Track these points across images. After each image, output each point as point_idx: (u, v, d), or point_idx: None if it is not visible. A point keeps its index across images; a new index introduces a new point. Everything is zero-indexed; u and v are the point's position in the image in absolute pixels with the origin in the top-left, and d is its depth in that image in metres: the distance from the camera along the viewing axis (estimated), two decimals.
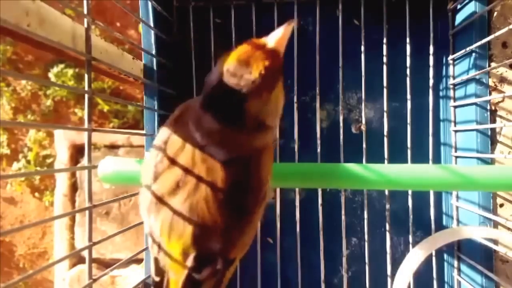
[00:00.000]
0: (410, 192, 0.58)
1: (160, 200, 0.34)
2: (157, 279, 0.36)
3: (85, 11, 0.40)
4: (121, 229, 0.46)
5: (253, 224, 0.37)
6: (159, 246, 0.35)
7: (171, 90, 0.60)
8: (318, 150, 0.58)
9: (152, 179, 0.35)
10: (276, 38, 0.33)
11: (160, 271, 0.36)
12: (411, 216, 0.58)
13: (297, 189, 0.59)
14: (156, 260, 0.36)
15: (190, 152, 0.34)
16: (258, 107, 0.32)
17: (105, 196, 1.20)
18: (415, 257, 0.48)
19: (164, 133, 0.37)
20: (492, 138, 0.54)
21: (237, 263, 0.39)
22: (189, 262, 0.34)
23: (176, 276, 0.35)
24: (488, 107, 0.54)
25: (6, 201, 1.53)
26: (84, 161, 0.42)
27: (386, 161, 0.57)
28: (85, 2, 0.40)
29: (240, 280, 0.60)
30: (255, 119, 0.32)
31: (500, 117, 0.55)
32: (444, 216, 0.59)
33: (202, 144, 0.34)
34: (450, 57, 0.58)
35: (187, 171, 0.34)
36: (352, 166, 0.44)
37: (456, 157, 0.58)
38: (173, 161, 0.34)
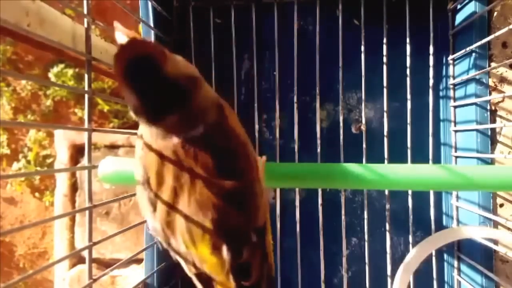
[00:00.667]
0: (410, 192, 0.58)
1: (168, 217, 0.34)
2: None
3: (85, 11, 0.40)
4: (121, 229, 0.46)
5: (257, 183, 0.36)
6: (194, 264, 0.35)
7: None
8: (318, 150, 0.58)
9: (152, 201, 0.35)
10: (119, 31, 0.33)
11: (206, 284, 0.36)
12: (411, 216, 0.58)
13: (297, 189, 0.59)
14: (199, 276, 0.36)
15: (171, 163, 0.33)
16: (170, 68, 0.31)
17: (105, 196, 1.20)
18: (415, 257, 0.48)
19: (137, 169, 0.36)
20: (492, 138, 0.54)
21: (270, 228, 0.38)
22: (225, 254, 0.33)
23: (222, 276, 0.34)
24: (488, 107, 0.54)
25: (6, 201, 1.53)
26: (84, 161, 0.42)
27: (386, 161, 0.57)
28: (85, 2, 0.40)
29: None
30: (175, 80, 0.31)
31: (500, 117, 0.55)
32: (444, 216, 0.59)
33: (173, 142, 0.33)
34: (450, 57, 0.58)
35: (177, 176, 0.33)
36: (352, 166, 0.44)
37: (456, 157, 0.58)
38: (160, 177, 0.34)
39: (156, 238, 0.37)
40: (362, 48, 0.58)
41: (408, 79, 0.58)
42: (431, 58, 0.58)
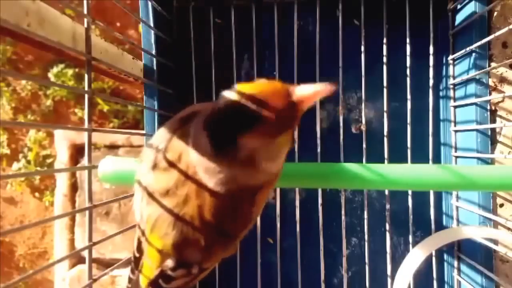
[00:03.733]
0: (410, 192, 0.58)
1: (151, 195, 0.34)
2: (137, 255, 0.38)
3: (85, 11, 0.40)
4: (121, 229, 0.46)
5: (235, 244, 0.38)
6: (143, 232, 0.36)
7: (171, 90, 0.60)
8: (318, 150, 0.58)
9: (151, 168, 0.35)
10: (305, 94, 0.30)
11: (140, 251, 0.38)
12: (411, 216, 0.58)
13: (297, 189, 0.59)
14: (139, 240, 0.37)
15: (185, 166, 0.33)
16: (255, 145, 0.30)
17: (105, 196, 1.20)
18: (415, 257, 0.48)
19: (166, 133, 0.36)
20: (492, 138, 0.54)
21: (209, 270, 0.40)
22: (167, 261, 0.35)
23: (152, 263, 0.36)
24: (488, 107, 0.54)
25: (6, 201, 1.53)
26: (84, 161, 0.42)
27: (386, 161, 0.57)
28: (85, 2, 0.40)
29: (240, 280, 0.60)
30: (248, 156, 0.30)
31: (500, 117, 0.55)
32: (444, 216, 0.59)
33: (195, 163, 0.32)
34: (450, 57, 0.58)
35: (178, 184, 0.33)
36: (352, 166, 0.44)
37: (456, 157, 0.58)
38: (170, 164, 0.34)
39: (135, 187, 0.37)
40: (362, 48, 0.58)
41: (408, 79, 0.58)
42: (431, 58, 0.58)
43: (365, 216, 0.59)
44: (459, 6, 0.57)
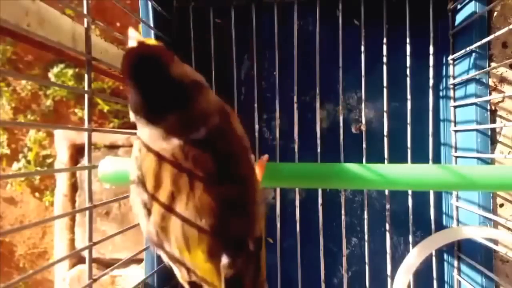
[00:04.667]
0: (410, 192, 0.58)
1: (163, 221, 0.33)
2: None
3: (85, 11, 0.40)
4: (121, 229, 0.46)
5: (257, 191, 0.36)
6: (188, 269, 0.34)
7: None
8: (318, 150, 0.58)
9: (147, 205, 0.34)
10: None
11: (196, 285, 0.35)
12: (411, 216, 0.58)
13: (297, 189, 0.59)
14: (192, 284, 0.35)
15: (169, 165, 0.33)
16: (175, 70, 0.32)
17: (105, 196, 1.19)
18: (415, 257, 0.48)
19: (132, 169, 0.35)
20: (492, 138, 0.54)
21: (264, 241, 0.37)
22: (221, 261, 0.33)
23: (214, 285, 0.33)
24: (488, 107, 0.54)
25: (6, 201, 1.53)
26: (84, 161, 0.42)
27: (386, 161, 0.57)
28: (85, 2, 0.40)
29: None
30: (179, 82, 0.32)
31: (500, 117, 0.55)
32: (444, 216, 0.59)
33: (172, 145, 0.33)
34: (450, 57, 0.58)
35: (175, 180, 0.33)
36: (352, 166, 0.44)
37: (456, 157, 0.58)
38: (157, 180, 0.33)
39: (150, 241, 0.36)
40: (362, 48, 0.58)
41: (408, 79, 0.58)
42: (431, 58, 0.58)
43: (365, 216, 0.59)
44: (459, 6, 0.57)
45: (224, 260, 0.33)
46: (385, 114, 0.58)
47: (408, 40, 0.58)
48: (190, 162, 0.33)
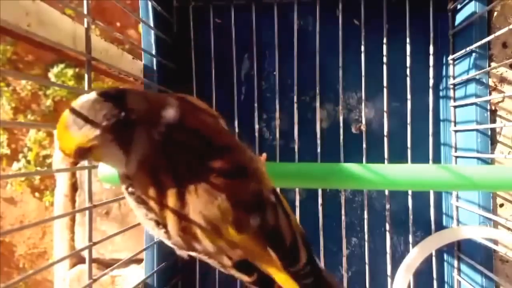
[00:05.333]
0: (410, 192, 0.58)
1: (181, 224, 0.33)
2: (254, 277, 0.36)
3: (85, 11, 0.40)
4: (121, 229, 0.46)
5: (244, 150, 0.36)
6: (227, 256, 0.34)
7: (171, 90, 0.60)
8: (318, 150, 0.58)
9: (158, 222, 0.34)
10: None
11: (248, 269, 0.35)
12: (411, 216, 0.58)
13: (297, 189, 0.59)
14: (237, 265, 0.35)
15: (162, 167, 0.33)
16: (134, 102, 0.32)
17: (105, 196, 1.19)
18: (415, 257, 0.48)
19: (129, 199, 0.35)
20: (492, 138, 0.54)
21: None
22: (252, 224, 0.33)
23: (257, 251, 0.34)
24: (488, 107, 0.54)
25: (6, 201, 1.53)
26: (84, 161, 0.42)
27: (386, 161, 0.57)
28: (85, 2, 0.40)
29: (240, 279, 0.60)
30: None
31: (500, 117, 0.55)
32: (444, 216, 0.59)
33: (146, 153, 0.33)
34: (450, 57, 0.58)
35: (173, 172, 0.33)
36: (352, 166, 0.44)
37: (456, 157, 0.58)
38: (158, 193, 0.33)
39: (179, 250, 0.36)
40: (362, 48, 0.58)
41: (408, 79, 0.58)
42: (431, 58, 0.58)
43: (365, 216, 0.59)
44: (459, 6, 0.57)
45: (254, 222, 0.33)
46: (385, 114, 0.58)
47: (408, 40, 0.58)
48: (173, 155, 0.33)
